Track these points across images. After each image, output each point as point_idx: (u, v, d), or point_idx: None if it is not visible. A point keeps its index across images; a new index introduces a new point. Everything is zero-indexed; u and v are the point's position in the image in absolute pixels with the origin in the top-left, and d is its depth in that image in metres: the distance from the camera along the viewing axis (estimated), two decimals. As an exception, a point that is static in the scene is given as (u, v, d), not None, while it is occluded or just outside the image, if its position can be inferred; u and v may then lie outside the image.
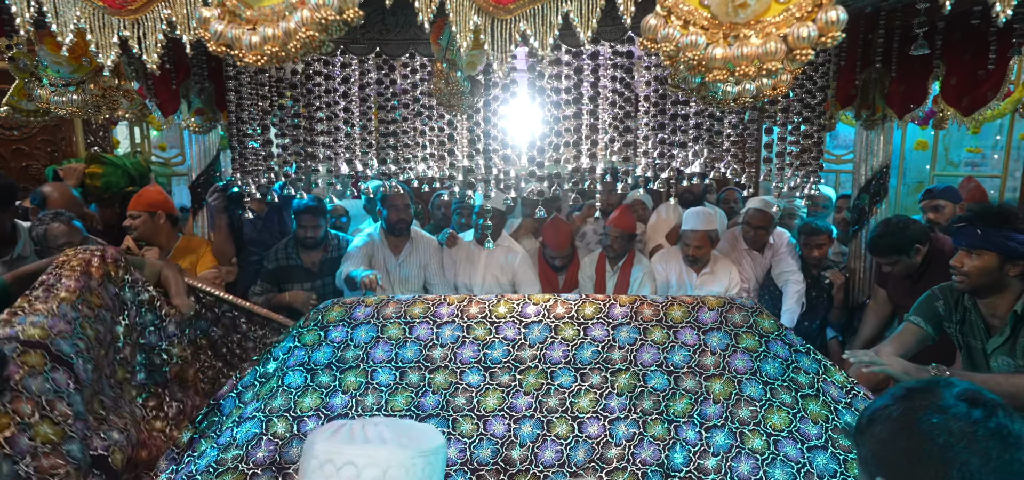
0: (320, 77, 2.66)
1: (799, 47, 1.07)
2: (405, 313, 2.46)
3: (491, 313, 2.44)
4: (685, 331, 2.36)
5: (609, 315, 2.42)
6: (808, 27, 1.06)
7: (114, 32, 1.24)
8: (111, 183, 3.84)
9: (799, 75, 2.63)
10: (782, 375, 2.24)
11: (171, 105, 3.63)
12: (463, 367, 2.30)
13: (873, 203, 4.20)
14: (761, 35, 1.08)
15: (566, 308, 2.45)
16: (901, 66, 3.47)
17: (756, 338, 2.33)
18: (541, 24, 1.19)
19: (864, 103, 3.78)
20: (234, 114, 2.83)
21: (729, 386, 2.20)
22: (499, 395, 2.24)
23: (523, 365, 2.31)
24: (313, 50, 1.18)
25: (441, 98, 1.86)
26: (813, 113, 2.67)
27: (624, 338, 2.36)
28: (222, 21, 1.17)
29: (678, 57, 1.14)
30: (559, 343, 2.36)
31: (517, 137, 2.53)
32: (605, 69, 2.53)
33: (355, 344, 2.37)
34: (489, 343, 2.36)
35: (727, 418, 2.12)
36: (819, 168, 2.74)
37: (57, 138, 4.56)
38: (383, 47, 2.39)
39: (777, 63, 1.08)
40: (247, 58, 1.19)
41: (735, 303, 2.45)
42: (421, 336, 2.38)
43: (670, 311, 2.42)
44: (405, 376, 2.29)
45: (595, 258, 4.23)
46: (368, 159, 2.77)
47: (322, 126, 2.74)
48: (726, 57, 1.10)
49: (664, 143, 2.63)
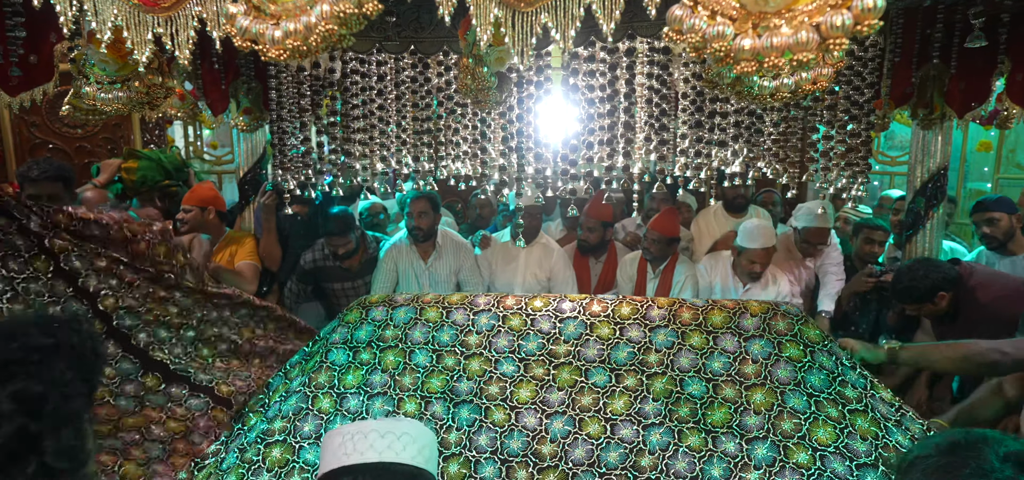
0: (357, 75, 2.70)
1: (833, 36, 1.01)
2: (443, 300, 2.52)
3: (527, 306, 2.45)
4: (725, 337, 2.27)
5: (646, 317, 2.37)
6: (842, 14, 1.00)
7: (148, 29, 1.29)
8: (146, 177, 3.99)
9: (844, 71, 2.51)
10: (828, 388, 2.13)
11: (221, 104, 3.77)
12: (498, 355, 2.32)
13: (929, 207, 3.98)
14: (792, 24, 1.02)
15: (602, 307, 2.42)
16: (961, 62, 3.29)
17: (801, 348, 2.22)
18: (563, 16, 1.17)
19: (921, 101, 3.59)
20: (275, 112, 2.90)
21: (771, 397, 2.11)
22: (532, 387, 2.24)
23: (557, 360, 2.29)
24: (334, 44, 1.20)
25: (468, 93, 1.86)
26: (861, 111, 2.54)
27: (661, 341, 2.30)
28: (247, 17, 1.20)
29: (705, 49, 1.10)
30: (594, 341, 2.32)
31: (551, 135, 2.51)
32: (641, 65, 2.48)
33: (394, 324, 2.44)
34: (524, 334, 2.37)
35: (769, 430, 2.03)
36: (867, 169, 2.61)
37: (116, 136, 4.79)
38: (417, 45, 2.41)
39: (809, 54, 1.03)
40: (271, 53, 1.21)
41: (779, 309, 2.35)
42: (458, 321, 2.42)
43: (710, 315, 2.34)
44: (441, 359, 2.33)
45: (636, 258, 4.14)
46: (403, 156, 2.79)
47: (359, 124, 2.78)
48: (755, 49, 1.06)
49: (701, 142, 2.55)
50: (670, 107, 2.57)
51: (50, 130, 4.59)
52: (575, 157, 2.44)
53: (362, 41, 2.33)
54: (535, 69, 2.41)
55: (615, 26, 1.16)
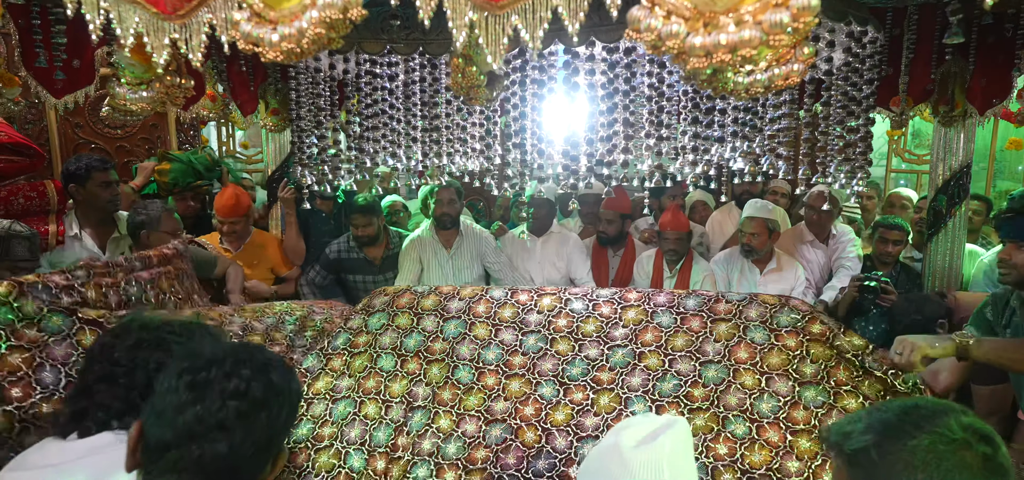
0: (370, 76, 2.84)
1: (774, 33, 1.08)
2: (495, 314, 2.41)
3: (576, 321, 2.35)
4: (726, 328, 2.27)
5: (683, 305, 2.32)
6: (781, 13, 1.07)
7: (165, 35, 1.43)
8: (178, 179, 4.23)
9: (841, 67, 2.53)
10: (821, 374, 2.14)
11: (250, 105, 3.97)
12: (540, 378, 2.23)
13: (951, 206, 3.92)
14: (737, 22, 1.10)
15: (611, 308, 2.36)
16: (981, 57, 3.25)
17: (798, 338, 2.22)
18: (532, 18, 1.26)
19: (942, 98, 3.55)
20: (295, 111, 3.06)
21: (758, 380, 2.12)
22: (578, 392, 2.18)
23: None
24: (324, 46, 1.32)
25: (459, 91, 1.97)
26: (860, 107, 2.56)
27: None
28: (250, 22, 1.33)
29: (660, 46, 1.18)
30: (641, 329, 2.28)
31: (553, 131, 2.59)
32: (640, 64, 2.55)
33: (444, 337, 2.36)
34: (570, 359, 2.25)
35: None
36: (867, 163, 2.62)
37: (153, 137, 5.07)
38: (425, 46, 2.52)
39: (752, 49, 1.10)
40: (269, 54, 1.34)
41: (789, 302, 2.31)
42: (506, 341, 2.33)
43: (746, 309, 2.29)
44: (483, 377, 2.26)
45: (652, 255, 4.19)
46: (412, 152, 2.92)
47: (372, 123, 2.92)
48: (704, 45, 1.13)
49: (699, 138, 2.60)
50: (671, 105, 2.63)
51: (92, 131, 4.89)
52: (577, 153, 2.52)
53: (373, 43, 2.46)
54: (539, 68, 2.51)
55: (580, 26, 1.24)
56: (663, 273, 4.15)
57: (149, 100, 2.27)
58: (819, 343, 2.17)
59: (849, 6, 2.22)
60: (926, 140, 6.07)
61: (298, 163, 3.18)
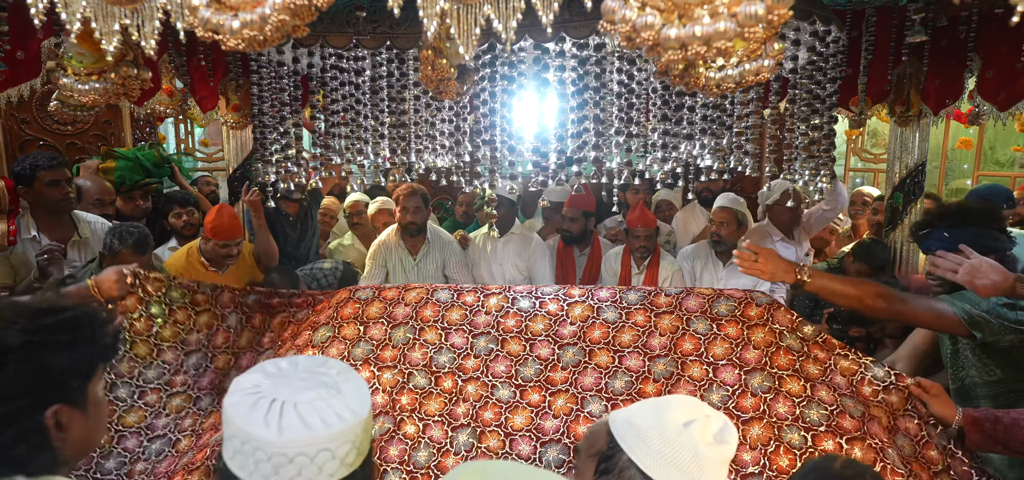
0: (335, 71, 2.77)
1: (748, 25, 1.08)
2: (442, 318, 2.42)
3: (525, 320, 2.38)
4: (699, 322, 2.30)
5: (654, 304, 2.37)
6: (755, 5, 1.07)
7: (115, 20, 1.35)
8: (125, 177, 4.02)
9: (806, 65, 2.58)
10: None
11: (210, 101, 3.83)
12: (495, 381, 2.24)
13: (907, 203, 4.05)
14: (712, 14, 1.09)
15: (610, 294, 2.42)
16: (934, 60, 3.36)
17: (766, 332, 2.26)
18: (505, 8, 1.24)
19: (898, 99, 3.67)
20: (257, 107, 2.97)
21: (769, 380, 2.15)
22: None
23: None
24: (288, 34, 1.27)
25: (429, 84, 1.93)
26: (824, 105, 2.61)
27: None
28: (209, 8, 1.27)
29: (635, 38, 1.17)
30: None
31: (523, 128, 2.57)
32: (610, 60, 2.54)
33: (393, 345, 2.37)
34: (523, 360, 2.29)
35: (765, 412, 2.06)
36: (831, 161, 2.68)
37: (107, 133, 4.86)
38: (393, 41, 2.47)
39: (726, 41, 1.09)
40: (230, 42, 1.28)
41: (752, 297, 2.36)
42: (457, 344, 2.35)
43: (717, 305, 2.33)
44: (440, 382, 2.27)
45: (619, 252, 4.21)
46: (380, 149, 2.86)
47: (337, 119, 2.85)
48: (680, 37, 1.12)
49: (669, 135, 2.61)
50: (640, 101, 2.63)
51: (40, 127, 4.66)
52: (547, 150, 2.50)
53: (339, 37, 2.40)
54: (507, 63, 2.48)
55: (553, 17, 1.22)
56: (631, 270, 4.17)
57: (101, 91, 2.15)
58: (760, 328, 2.23)
59: (813, 6, 2.26)
60: (882, 139, 6.26)
61: (260, 160, 3.08)
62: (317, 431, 1.02)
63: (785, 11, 1.07)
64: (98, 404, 1.24)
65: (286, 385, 1.07)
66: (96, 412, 1.23)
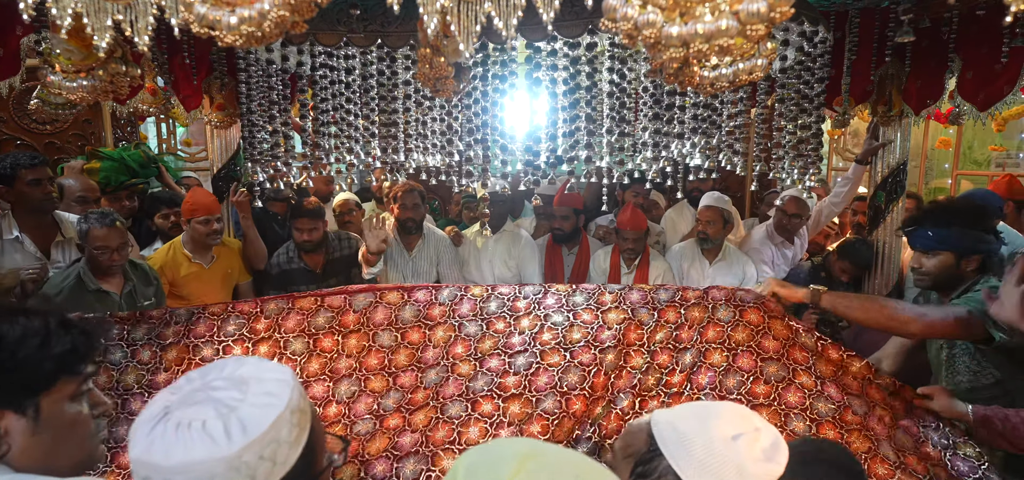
0: (325, 69, 2.75)
1: (751, 23, 1.09)
2: (396, 319, 2.38)
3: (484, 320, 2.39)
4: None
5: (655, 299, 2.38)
6: (758, 2, 1.08)
7: (108, 16, 1.33)
8: (110, 177, 3.96)
9: (794, 65, 2.62)
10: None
11: (194, 100, 3.77)
12: (445, 401, 2.22)
13: (889, 201, 4.13)
14: (714, 12, 1.10)
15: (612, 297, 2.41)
16: (915, 61, 3.42)
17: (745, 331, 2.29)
18: (505, 5, 1.24)
19: (880, 99, 3.73)
20: (245, 106, 2.93)
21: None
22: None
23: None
24: (287, 29, 1.25)
25: (426, 83, 1.92)
26: (811, 104, 2.65)
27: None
28: (205, 4, 1.25)
29: (637, 36, 1.18)
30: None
31: (515, 127, 2.57)
32: (602, 60, 2.55)
33: (347, 355, 2.32)
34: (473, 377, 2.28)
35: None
36: (818, 159, 2.72)
37: (87, 132, 4.76)
38: (384, 39, 2.46)
39: (728, 39, 1.11)
40: (227, 38, 1.26)
41: (736, 295, 2.39)
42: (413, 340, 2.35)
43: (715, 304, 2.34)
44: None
45: (608, 252, 4.22)
46: (370, 148, 2.84)
47: (327, 118, 2.83)
48: (681, 35, 1.13)
49: (659, 133, 2.63)
50: (631, 101, 2.65)
51: (18, 126, 4.55)
52: (539, 149, 2.51)
53: (330, 35, 2.38)
54: (500, 63, 2.48)
55: (554, 15, 1.22)
56: (620, 270, 4.19)
57: (90, 88, 2.11)
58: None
59: (801, 7, 2.29)
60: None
61: (248, 159, 3.04)
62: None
63: (787, 8, 1.08)
64: (63, 423, 1.09)
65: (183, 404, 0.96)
66: (59, 431, 1.09)
